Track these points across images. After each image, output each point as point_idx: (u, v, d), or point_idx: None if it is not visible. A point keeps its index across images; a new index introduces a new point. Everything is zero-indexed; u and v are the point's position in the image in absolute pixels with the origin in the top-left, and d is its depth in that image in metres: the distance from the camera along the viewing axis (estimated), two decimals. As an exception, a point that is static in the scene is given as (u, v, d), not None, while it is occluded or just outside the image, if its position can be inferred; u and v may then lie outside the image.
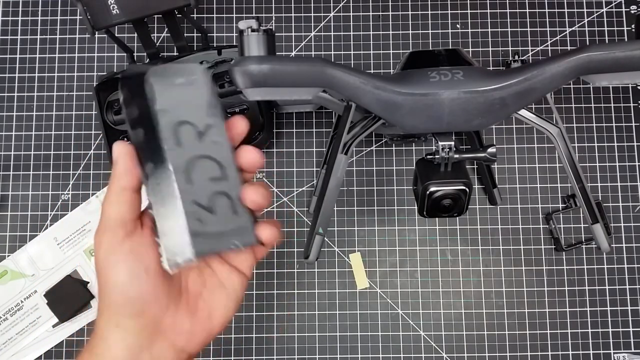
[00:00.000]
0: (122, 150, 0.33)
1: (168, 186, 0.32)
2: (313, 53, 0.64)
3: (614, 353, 0.60)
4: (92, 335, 0.33)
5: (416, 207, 0.50)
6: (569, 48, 0.64)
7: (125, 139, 0.56)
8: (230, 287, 0.36)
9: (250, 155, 0.34)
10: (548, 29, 0.64)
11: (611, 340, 0.60)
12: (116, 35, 0.59)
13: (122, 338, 0.32)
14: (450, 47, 0.60)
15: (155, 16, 0.61)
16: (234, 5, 0.65)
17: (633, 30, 0.64)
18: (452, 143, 0.43)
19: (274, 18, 0.65)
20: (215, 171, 0.33)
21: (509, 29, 0.64)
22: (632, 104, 0.63)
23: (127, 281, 0.31)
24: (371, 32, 0.65)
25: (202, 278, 0.35)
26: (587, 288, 0.61)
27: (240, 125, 0.35)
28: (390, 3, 0.65)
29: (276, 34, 0.63)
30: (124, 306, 0.32)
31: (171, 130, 0.32)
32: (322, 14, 0.65)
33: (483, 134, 0.61)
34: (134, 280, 0.31)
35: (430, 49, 0.58)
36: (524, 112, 0.44)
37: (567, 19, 0.65)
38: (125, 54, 0.63)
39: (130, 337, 0.32)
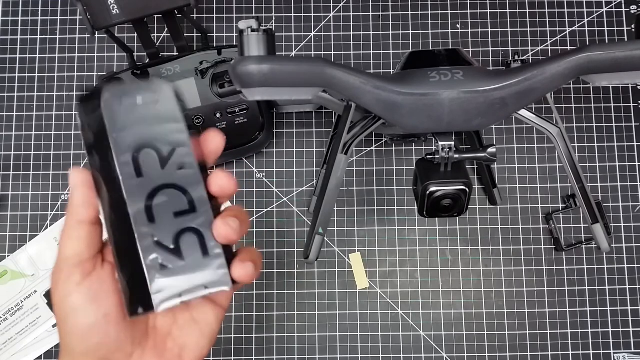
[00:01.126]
0: (78, 179, 0.29)
1: (124, 224, 0.28)
2: (313, 53, 0.64)
3: (614, 353, 0.60)
4: None
5: (416, 207, 0.50)
6: (569, 48, 0.64)
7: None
8: (203, 323, 0.32)
9: (220, 182, 0.30)
10: (548, 29, 0.64)
11: (611, 340, 0.60)
12: (116, 35, 0.59)
13: None
14: (450, 47, 0.60)
15: (155, 16, 0.61)
16: (234, 5, 0.65)
17: (633, 30, 0.64)
18: (452, 143, 0.43)
19: (274, 18, 0.65)
20: (182, 203, 0.29)
21: (509, 29, 0.64)
22: (632, 104, 0.63)
23: (86, 329, 0.28)
24: (371, 32, 0.65)
25: (171, 313, 0.32)
26: (587, 288, 0.61)
27: (215, 141, 0.31)
28: (390, 3, 0.65)
29: (276, 34, 0.63)
30: (85, 355, 0.29)
31: (129, 158, 0.28)
32: (322, 14, 0.65)
33: (483, 134, 0.61)
34: (94, 328, 0.28)
35: (430, 49, 0.58)
36: (524, 112, 0.44)
37: (567, 19, 0.65)
38: (125, 54, 0.63)
39: None
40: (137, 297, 0.28)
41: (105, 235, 0.30)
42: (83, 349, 0.29)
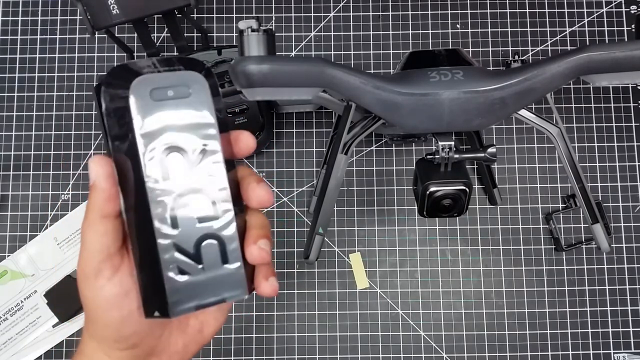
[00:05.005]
0: (100, 172, 0.27)
1: (146, 226, 0.27)
2: (313, 53, 0.64)
3: (614, 353, 0.60)
4: (76, 355, 0.31)
5: (416, 207, 0.50)
6: (569, 48, 0.64)
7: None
8: None
9: (259, 197, 0.30)
10: (548, 29, 0.64)
11: (611, 340, 0.60)
12: (116, 35, 0.59)
13: None
14: (450, 47, 0.60)
15: (155, 16, 0.61)
16: (234, 5, 0.65)
17: (633, 30, 0.64)
18: (452, 143, 0.43)
19: (274, 18, 0.65)
20: (206, 208, 0.27)
21: (509, 29, 0.64)
22: (632, 104, 0.63)
23: (120, 321, 0.29)
24: (371, 32, 0.65)
25: None
26: (587, 288, 0.61)
27: (248, 142, 0.30)
28: (390, 3, 0.65)
29: (276, 34, 0.63)
30: (118, 342, 0.29)
31: (156, 160, 0.26)
32: (322, 14, 0.65)
33: (483, 134, 0.61)
34: (128, 320, 0.29)
35: (430, 49, 0.58)
36: (524, 112, 0.44)
37: (567, 19, 0.65)
38: (125, 54, 0.63)
39: None
40: (153, 300, 0.27)
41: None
42: (117, 337, 0.29)
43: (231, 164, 0.29)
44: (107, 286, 0.28)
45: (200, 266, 0.27)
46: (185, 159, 0.27)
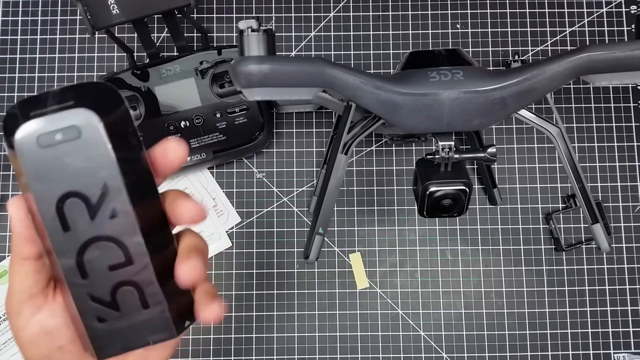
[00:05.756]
0: (14, 214, 0.26)
1: (59, 274, 0.26)
2: (313, 53, 0.64)
3: (614, 353, 0.60)
4: None
5: (416, 207, 0.50)
6: (569, 48, 0.64)
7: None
8: (160, 346, 0.31)
9: (187, 208, 0.27)
10: (548, 29, 0.64)
11: (611, 340, 0.60)
12: (116, 35, 0.59)
13: None
14: (450, 47, 0.60)
15: (155, 16, 0.61)
16: (234, 5, 0.65)
17: (633, 30, 0.64)
18: (452, 143, 0.43)
19: (274, 18, 0.65)
20: (117, 256, 0.26)
21: (509, 29, 0.64)
22: (632, 104, 0.63)
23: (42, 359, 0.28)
24: (371, 32, 0.65)
25: None
26: (587, 288, 0.61)
27: (177, 151, 0.28)
28: (390, 3, 0.65)
29: (276, 34, 0.63)
30: None
31: (52, 210, 0.24)
32: (322, 14, 0.65)
33: (483, 134, 0.61)
34: (49, 359, 0.28)
35: (430, 49, 0.58)
36: (524, 112, 0.44)
37: (567, 19, 0.65)
38: (125, 54, 0.63)
39: None
40: (86, 345, 0.27)
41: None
42: None
43: (148, 191, 0.27)
44: (28, 326, 0.28)
45: (118, 313, 0.26)
46: (85, 205, 0.25)
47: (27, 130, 0.24)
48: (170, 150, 0.28)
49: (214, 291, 0.29)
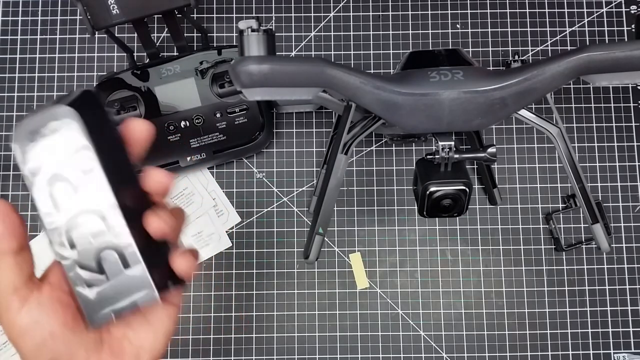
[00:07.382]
0: None
1: (52, 250, 0.31)
2: (313, 53, 0.64)
3: (614, 353, 0.60)
4: None
5: (416, 207, 0.50)
6: (569, 48, 0.64)
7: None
8: (157, 323, 0.33)
9: (156, 178, 0.31)
10: (548, 29, 0.64)
11: (611, 340, 0.60)
12: (116, 35, 0.59)
13: None
14: (450, 47, 0.60)
15: (155, 16, 0.61)
16: (234, 5, 0.65)
17: (633, 30, 0.64)
18: (452, 143, 0.43)
19: (274, 18, 0.65)
20: (97, 224, 0.30)
21: (509, 29, 0.64)
22: (632, 104, 0.63)
23: (36, 349, 0.30)
24: (371, 32, 0.65)
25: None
26: (587, 288, 0.61)
27: (139, 128, 0.31)
28: (390, 3, 0.65)
29: (276, 34, 0.63)
30: None
31: (46, 193, 0.30)
32: (322, 14, 0.65)
33: (483, 134, 0.61)
34: (43, 347, 0.30)
35: (430, 49, 0.58)
36: (524, 112, 0.44)
37: (567, 19, 0.65)
38: (125, 54, 0.63)
39: None
40: (82, 315, 0.31)
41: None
42: None
43: (125, 170, 0.31)
44: (17, 319, 0.30)
45: (103, 276, 0.30)
46: (69, 185, 0.30)
47: (20, 128, 0.29)
48: (132, 127, 0.31)
49: (193, 250, 0.32)
